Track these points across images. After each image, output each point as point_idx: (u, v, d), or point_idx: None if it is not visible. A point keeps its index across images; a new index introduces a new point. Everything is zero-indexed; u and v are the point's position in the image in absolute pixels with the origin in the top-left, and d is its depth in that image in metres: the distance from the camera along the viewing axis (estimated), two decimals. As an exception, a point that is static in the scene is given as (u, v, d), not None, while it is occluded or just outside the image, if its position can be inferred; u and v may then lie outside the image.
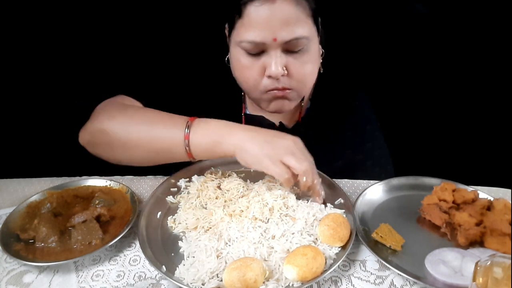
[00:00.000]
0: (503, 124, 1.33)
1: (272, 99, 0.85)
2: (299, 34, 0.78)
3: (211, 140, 0.77)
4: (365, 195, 0.80)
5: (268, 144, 0.73)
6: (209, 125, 0.78)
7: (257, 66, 0.81)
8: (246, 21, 0.77)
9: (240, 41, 0.80)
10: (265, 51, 0.80)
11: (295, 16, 0.76)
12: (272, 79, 0.81)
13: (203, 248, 0.67)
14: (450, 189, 0.78)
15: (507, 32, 1.23)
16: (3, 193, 0.86)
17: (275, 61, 0.79)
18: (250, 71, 0.82)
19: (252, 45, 0.79)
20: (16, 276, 0.67)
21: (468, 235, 0.69)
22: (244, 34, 0.78)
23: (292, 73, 0.82)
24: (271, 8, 0.75)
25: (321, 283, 0.64)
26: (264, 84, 0.83)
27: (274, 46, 0.78)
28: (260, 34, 0.77)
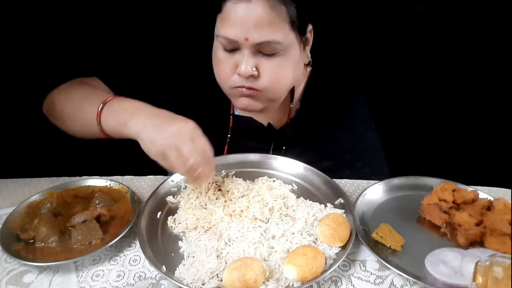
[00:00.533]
0: (503, 124, 1.33)
1: (239, 96, 0.86)
2: (271, 38, 0.78)
3: (118, 121, 0.78)
4: (365, 195, 0.80)
5: (155, 135, 0.71)
6: (120, 105, 0.80)
7: (230, 62, 0.82)
8: (224, 16, 0.79)
9: (217, 35, 0.82)
10: (238, 49, 0.81)
11: (269, 20, 0.76)
12: (241, 77, 0.82)
13: (203, 248, 0.67)
14: (450, 189, 0.78)
15: (506, 32, 1.23)
16: (3, 193, 0.86)
17: (246, 60, 0.80)
18: (223, 66, 0.84)
19: (226, 41, 0.80)
20: (16, 276, 0.67)
21: (468, 235, 0.69)
22: (222, 29, 0.80)
23: (262, 75, 0.82)
24: (246, 7, 0.75)
25: (321, 283, 0.64)
26: (233, 79, 0.84)
27: (246, 45, 0.79)
28: (234, 32, 0.78)
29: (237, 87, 0.84)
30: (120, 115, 0.78)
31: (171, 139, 0.70)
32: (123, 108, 0.79)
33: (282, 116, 1.00)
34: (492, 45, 1.28)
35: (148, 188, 0.88)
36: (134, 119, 0.75)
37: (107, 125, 0.80)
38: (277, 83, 0.84)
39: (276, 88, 0.85)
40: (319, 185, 0.84)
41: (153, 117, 0.74)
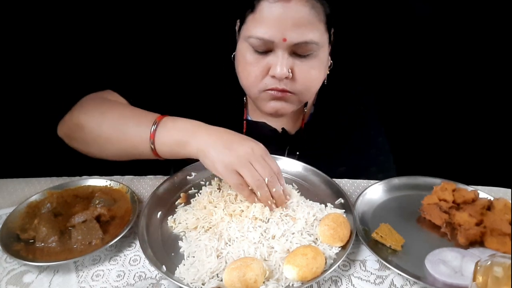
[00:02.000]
0: (503, 124, 1.33)
1: (270, 99, 0.84)
2: (309, 38, 0.77)
3: (175, 140, 0.76)
4: (365, 195, 0.80)
5: (226, 151, 0.71)
6: (175, 125, 0.77)
7: (261, 64, 0.81)
8: (258, 16, 0.77)
9: (249, 37, 0.79)
10: (272, 50, 0.79)
11: (308, 19, 0.75)
12: (274, 79, 0.80)
13: (203, 248, 0.67)
14: (450, 189, 0.78)
15: (507, 32, 1.23)
16: (3, 193, 0.86)
17: (281, 62, 0.78)
18: (253, 68, 0.81)
19: (260, 41, 0.78)
20: (16, 276, 0.67)
21: (468, 235, 0.69)
22: (254, 29, 0.77)
23: (297, 77, 0.81)
24: (285, 7, 0.74)
25: (321, 283, 0.64)
26: (265, 82, 0.82)
27: (282, 46, 0.77)
28: (270, 32, 0.76)
29: (269, 89, 0.82)
30: (179, 134, 0.76)
31: (244, 157, 0.70)
32: (179, 127, 0.77)
33: (296, 121, 0.99)
34: (492, 46, 1.28)
35: (148, 188, 0.88)
36: (196, 137, 0.74)
37: (162, 146, 0.77)
38: (310, 86, 0.83)
39: (309, 90, 0.84)
40: (319, 185, 0.84)
41: (217, 135, 0.74)
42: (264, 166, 0.71)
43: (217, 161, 0.71)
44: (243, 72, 0.85)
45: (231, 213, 0.74)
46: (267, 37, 0.76)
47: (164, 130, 0.77)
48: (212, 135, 0.74)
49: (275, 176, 0.72)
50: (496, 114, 1.36)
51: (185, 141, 0.75)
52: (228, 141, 0.73)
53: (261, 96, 0.85)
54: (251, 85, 0.84)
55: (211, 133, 0.74)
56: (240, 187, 0.71)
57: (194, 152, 0.74)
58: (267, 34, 0.76)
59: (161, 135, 0.77)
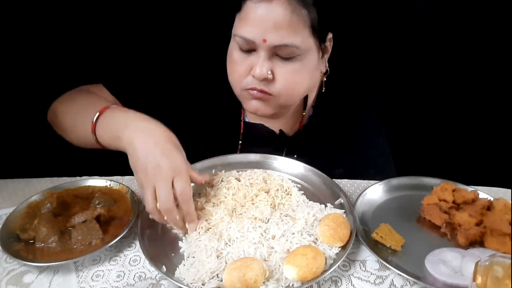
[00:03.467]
0: (503, 124, 1.33)
1: (251, 98, 0.85)
2: (290, 41, 0.77)
3: (111, 134, 0.74)
4: (365, 195, 0.80)
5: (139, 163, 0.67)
6: (113, 117, 0.75)
7: (245, 63, 0.81)
8: (243, 16, 0.78)
9: (235, 35, 0.80)
10: (255, 50, 0.80)
11: (289, 23, 0.75)
12: (254, 79, 0.81)
13: (203, 248, 0.67)
14: (450, 189, 0.78)
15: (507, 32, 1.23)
16: (3, 193, 0.86)
17: (262, 63, 0.79)
18: (237, 66, 0.83)
19: (243, 41, 0.79)
20: (16, 276, 0.67)
21: (468, 235, 0.69)
22: (239, 28, 0.79)
23: (277, 79, 0.81)
24: (266, 8, 0.74)
25: (321, 283, 0.64)
26: (246, 81, 0.83)
27: (263, 47, 0.78)
28: (252, 32, 0.77)
29: (249, 89, 0.83)
30: (113, 129, 0.73)
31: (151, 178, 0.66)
32: (116, 120, 0.74)
33: (294, 123, 0.98)
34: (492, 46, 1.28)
35: (148, 188, 0.88)
36: (126, 134, 0.70)
37: (102, 138, 0.76)
38: (291, 89, 0.83)
39: (289, 94, 0.84)
40: (319, 185, 0.84)
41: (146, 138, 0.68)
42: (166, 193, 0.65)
43: (134, 170, 0.69)
44: (229, 69, 0.86)
45: (231, 213, 0.74)
46: (249, 37, 0.77)
47: (103, 123, 0.76)
48: (137, 136, 0.69)
49: (172, 203, 0.66)
50: (496, 114, 1.36)
51: (117, 136, 0.72)
52: (144, 150, 0.67)
53: (243, 94, 0.86)
54: (235, 82, 0.86)
55: (137, 134, 0.69)
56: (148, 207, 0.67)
57: (125, 149, 0.71)
58: (249, 34, 0.77)
59: (100, 127, 0.76)
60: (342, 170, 0.92)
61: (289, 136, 0.97)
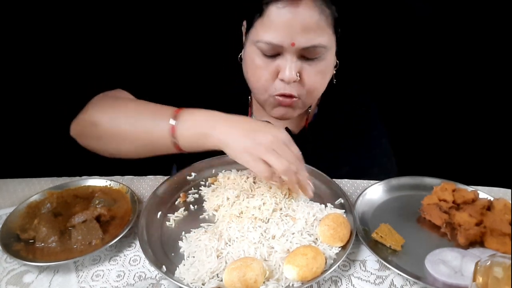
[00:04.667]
0: (503, 124, 1.33)
1: (277, 105, 0.84)
2: (318, 42, 0.76)
3: (197, 132, 0.74)
4: (365, 195, 0.80)
5: (248, 140, 0.70)
6: (195, 117, 0.76)
7: (270, 67, 0.80)
8: (266, 21, 0.76)
9: (257, 41, 0.78)
10: (280, 54, 0.79)
11: (317, 24, 0.75)
12: (283, 83, 0.80)
13: (203, 248, 0.67)
14: (450, 189, 0.78)
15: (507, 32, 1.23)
16: (3, 193, 0.86)
17: (290, 65, 0.78)
18: (262, 72, 0.81)
19: (268, 46, 0.77)
20: (16, 276, 0.67)
21: (468, 235, 0.69)
22: (263, 34, 0.77)
23: (305, 80, 0.80)
24: (293, 11, 0.74)
25: (321, 283, 0.64)
26: (274, 86, 0.82)
27: (290, 50, 0.77)
28: (279, 37, 0.75)
29: (278, 95, 0.82)
30: (199, 127, 0.75)
31: (268, 145, 0.69)
32: (199, 119, 0.76)
33: (300, 121, 0.99)
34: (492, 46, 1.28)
35: (148, 188, 0.88)
36: (217, 129, 0.73)
37: (184, 139, 0.75)
38: (316, 88, 0.83)
39: (314, 94, 0.84)
40: (319, 185, 0.84)
41: (238, 125, 0.73)
42: (288, 153, 0.70)
43: (241, 150, 0.70)
44: (253, 76, 0.84)
45: (231, 213, 0.74)
46: (275, 42, 0.76)
47: (184, 124, 0.75)
48: (232, 125, 0.73)
49: (298, 161, 0.72)
50: (496, 114, 1.36)
51: (206, 133, 0.73)
52: (250, 129, 0.71)
53: (269, 100, 0.85)
54: (261, 88, 0.84)
55: (232, 123, 0.73)
56: (265, 174, 0.70)
57: (216, 144, 0.73)
58: (276, 39, 0.76)
59: (182, 128, 0.75)
60: (347, 169, 0.92)
61: (294, 134, 0.97)
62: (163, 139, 0.76)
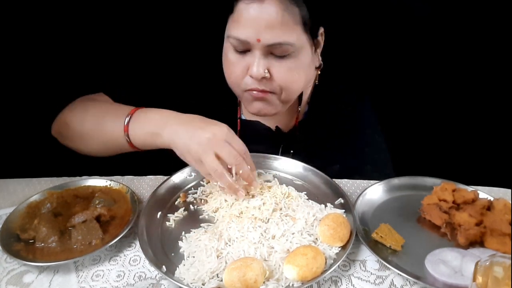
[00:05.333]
0: (503, 124, 1.33)
1: (252, 100, 0.85)
2: (283, 39, 0.77)
3: (148, 132, 0.78)
4: (365, 195, 0.80)
5: (190, 141, 0.72)
6: (147, 116, 0.79)
7: (241, 63, 0.82)
8: (236, 17, 0.78)
9: (228, 36, 0.80)
10: (250, 50, 0.80)
11: (282, 21, 0.75)
12: (253, 79, 0.81)
13: (203, 248, 0.67)
14: (450, 189, 0.78)
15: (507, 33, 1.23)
16: (3, 193, 0.86)
17: (257, 62, 0.79)
18: (234, 68, 0.83)
19: (237, 41, 0.79)
20: (16, 276, 0.67)
21: (468, 235, 0.69)
22: (232, 30, 0.79)
23: (275, 77, 0.81)
24: (259, 8, 0.75)
25: (321, 283, 0.64)
26: (245, 82, 0.83)
27: (257, 47, 0.78)
28: (245, 32, 0.77)
29: (249, 90, 0.83)
30: (150, 126, 0.78)
31: (207, 145, 0.71)
32: (151, 118, 0.79)
33: (290, 119, 0.99)
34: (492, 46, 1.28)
35: (148, 188, 0.88)
36: (167, 128, 0.75)
37: (136, 138, 0.80)
38: (289, 86, 0.84)
39: (289, 90, 0.84)
40: (319, 185, 0.84)
41: (186, 124, 0.75)
42: (226, 150, 0.72)
43: (185, 152, 0.73)
44: (226, 70, 0.86)
45: (231, 214, 0.74)
46: (243, 38, 0.77)
47: (137, 123, 0.79)
48: (180, 124, 0.75)
49: (240, 158, 0.73)
50: (496, 114, 1.36)
51: (156, 133, 0.76)
52: (194, 128, 0.73)
53: (244, 96, 0.86)
54: (234, 84, 0.86)
55: (180, 122, 0.76)
56: (210, 176, 0.74)
57: (166, 143, 0.76)
58: (243, 35, 0.77)
59: (134, 127, 0.79)
60: (338, 167, 0.93)
61: (285, 132, 0.98)
62: (120, 137, 0.81)
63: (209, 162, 0.71)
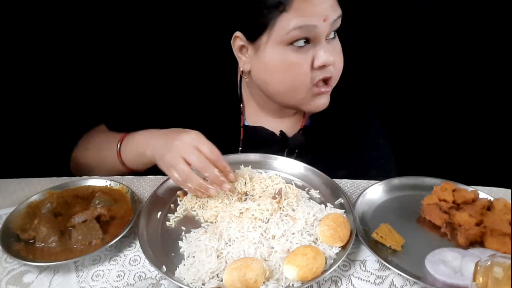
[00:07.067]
0: (503, 124, 1.33)
1: (318, 93, 0.83)
2: (340, 12, 0.79)
3: (137, 153, 0.85)
4: (365, 195, 0.80)
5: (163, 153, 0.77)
6: (134, 139, 0.87)
7: (307, 59, 0.79)
8: (293, 11, 0.75)
9: (289, 31, 0.77)
10: (311, 42, 0.79)
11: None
12: (322, 69, 0.80)
13: (203, 248, 0.67)
14: (450, 189, 0.78)
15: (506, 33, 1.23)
16: (3, 193, 0.86)
17: (324, 48, 0.79)
18: (300, 67, 0.80)
19: (303, 30, 0.76)
20: (16, 276, 0.67)
21: (468, 235, 0.69)
22: (292, 22, 0.76)
23: (335, 61, 0.81)
24: None
25: (321, 283, 0.64)
26: (312, 77, 0.81)
27: (321, 31, 0.77)
28: (311, 18, 0.76)
29: (319, 81, 0.81)
30: (137, 148, 0.85)
31: (177, 152, 0.74)
32: (137, 140, 0.86)
33: (295, 124, 0.98)
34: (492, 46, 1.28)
35: (148, 188, 0.88)
36: (149, 146, 0.81)
37: (129, 161, 0.88)
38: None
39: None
40: (319, 185, 0.84)
41: (162, 137, 0.80)
42: (194, 156, 0.74)
43: (161, 163, 0.78)
44: (286, 76, 0.82)
45: (231, 214, 0.74)
46: (309, 23, 0.76)
47: (126, 147, 0.87)
48: (157, 138, 0.80)
49: (205, 161, 0.74)
50: (496, 114, 1.36)
51: (143, 152, 0.83)
52: (166, 139, 0.78)
53: (311, 92, 0.83)
54: (302, 85, 0.82)
55: (157, 136, 0.81)
56: (179, 182, 0.76)
57: (151, 160, 0.82)
58: (309, 21, 0.76)
59: (125, 151, 0.88)
60: (344, 172, 0.91)
61: (290, 137, 0.97)
62: (116, 163, 0.89)
63: (178, 167, 0.74)
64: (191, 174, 0.74)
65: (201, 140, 0.76)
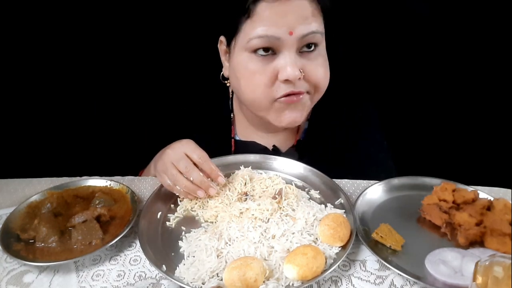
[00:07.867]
0: (503, 124, 1.33)
1: (284, 108, 0.80)
2: (315, 28, 0.75)
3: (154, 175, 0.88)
4: (365, 195, 0.80)
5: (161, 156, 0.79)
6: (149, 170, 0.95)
7: (268, 70, 0.76)
8: (257, 18, 0.73)
9: (250, 39, 0.74)
10: (277, 52, 0.75)
11: (311, 11, 0.74)
12: (286, 83, 0.76)
13: (203, 247, 0.67)
14: (450, 189, 0.78)
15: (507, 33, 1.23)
16: (3, 193, 0.86)
17: (291, 62, 0.74)
18: (260, 77, 0.76)
19: (263, 40, 0.73)
20: (16, 276, 0.67)
21: (468, 235, 0.69)
22: (255, 31, 0.74)
23: (309, 75, 0.77)
24: (286, 3, 0.72)
25: (321, 283, 0.64)
26: (276, 90, 0.77)
27: (288, 43, 0.73)
28: (274, 29, 0.72)
29: (283, 96, 0.77)
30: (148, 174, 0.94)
31: (167, 159, 0.76)
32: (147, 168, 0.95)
33: (288, 138, 0.95)
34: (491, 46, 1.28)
35: (148, 188, 0.88)
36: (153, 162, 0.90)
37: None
38: (323, 81, 0.80)
39: (321, 87, 0.81)
40: (319, 185, 0.84)
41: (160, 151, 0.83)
42: (183, 163, 0.75)
43: (156, 173, 0.82)
44: (248, 85, 0.79)
45: (231, 213, 0.74)
46: (271, 34, 0.72)
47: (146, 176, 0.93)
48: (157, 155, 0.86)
49: (191, 165, 0.75)
50: (496, 114, 1.36)
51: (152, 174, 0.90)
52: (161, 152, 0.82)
53: (274, 107, 0.80)
54: (261, 96, 0.78)
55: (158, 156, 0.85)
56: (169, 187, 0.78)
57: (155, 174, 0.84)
58: (271, 31, 0.73)
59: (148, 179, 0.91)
60: None
61: (282, 152, 0.94)
62: None
63: (168, 172, 0.76)
64: (179, 177, 0.75)
65: (189, 146, 0.77)
